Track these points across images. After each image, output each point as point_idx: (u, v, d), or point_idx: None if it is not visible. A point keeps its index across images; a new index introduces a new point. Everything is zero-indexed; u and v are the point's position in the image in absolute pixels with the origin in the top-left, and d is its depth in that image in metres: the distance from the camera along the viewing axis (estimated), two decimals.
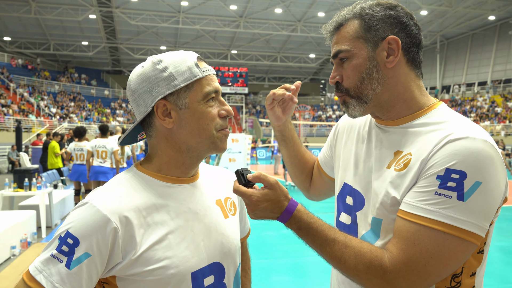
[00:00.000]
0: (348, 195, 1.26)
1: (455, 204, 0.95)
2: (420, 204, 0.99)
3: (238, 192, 1.07)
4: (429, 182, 0.99)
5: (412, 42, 1.15)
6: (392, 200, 1.07)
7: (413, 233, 0.98)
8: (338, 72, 1.18)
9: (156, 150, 1.13)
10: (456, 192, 0.95)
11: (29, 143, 21.26)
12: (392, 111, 1.16)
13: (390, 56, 1.12)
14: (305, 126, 32.29)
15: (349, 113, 1.20)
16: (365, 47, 1.13)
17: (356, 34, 1.14)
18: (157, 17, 31.84)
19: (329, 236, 1.06)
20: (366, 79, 1.13)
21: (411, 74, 1.16)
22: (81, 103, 36.25)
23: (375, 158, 1.18)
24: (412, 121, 1.13)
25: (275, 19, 33.38)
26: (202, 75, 1.08)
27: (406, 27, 1.13)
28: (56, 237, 0.99)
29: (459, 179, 0.95)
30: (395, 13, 1.13)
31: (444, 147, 0.99)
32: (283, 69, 46.40)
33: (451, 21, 33.90)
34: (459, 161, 0.96)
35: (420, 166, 1.02)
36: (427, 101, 1.16)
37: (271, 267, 5.37)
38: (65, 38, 35.66)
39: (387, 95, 1.14)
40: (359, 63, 1.13)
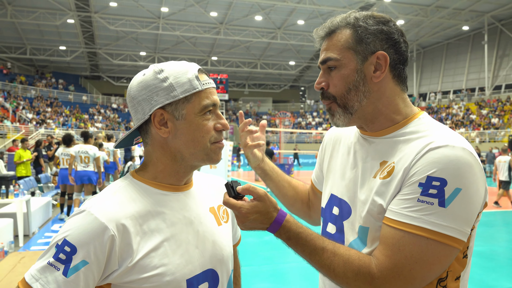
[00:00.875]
0: (335, 206, 1.28)
1: (437, 211, 0.99)
2: (404, 211, 1.02)
3: (228, 204, 1.08)
4: (412, 189, 1.02)
5: (400, 59, 1.17)
6: (378, 208, 1.10)
7: (398, 240, 1.02)
8: (324, 78, 1.20)
9: (152, 158, 1.15)
10: (437, 198, 0.99)
11: (4, 149, 20.70)
12: (376, 122, 1.19)
13: (377, 71, 1.15)
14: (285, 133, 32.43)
15: (334, 121, 1.22)
16: (355, 59, 1.15)
17: (347, 44, 1.15)
18: (137, 22, 31.59)
19: (318, 245, 1.08)
20: (353, 90, 1.15)
21: (396, 88, 1.18)
22: (59, 108, 35.54)
23: (361, 169, 1.20)
24: (396, 131, 1.16)
25: (255, 26, 33.56)
26: (202, 88, 1.10)
27: (396, 44, 1.16)
28: (52, 245, 1.00)
29: (440, 186, 0.99)
30: (387, 28, 1.15)
31: (425, 156, 1.03)
32: (263, 75, 46.58)
33: (426, 30, 34.73)
34: (439, 168, 1.00)
35: (403, 174, 1.05)
36: (410, 111, 1.19)
37: (253, 274, 5.38)
38: (42, 42, 34.99)
39: (371, 108, 1.17)
40: (347, 73, 1.15)
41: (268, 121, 42.80)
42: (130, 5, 29.24)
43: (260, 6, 29.65)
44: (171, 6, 29.54)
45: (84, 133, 8.98)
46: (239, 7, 30.12)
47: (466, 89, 37.07)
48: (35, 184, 10.66)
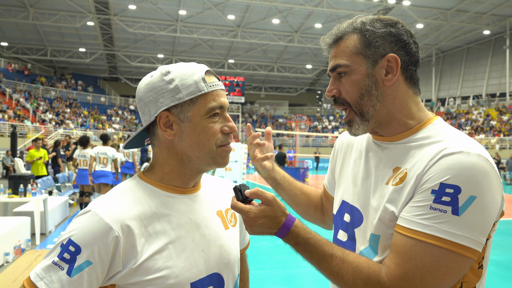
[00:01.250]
0: (346, 213, 1.26)
1: (450, 219, 0.95)
2: (416, 219, 0.99)
3: (235, 208, 1.07)
4: (424, 196, 0.99)
5: (411, 60, 1.15)
6: (390, 215, 1.07)
7: (410, 248, 0.99)
8: (335, 86, 1.18)
9: (159, 160, 1.14)
10: (450, 206, 0.96)
11: (24, 148, 21.14)
12: (390, 127, 1.16)
13: (388, 74, 1.12)
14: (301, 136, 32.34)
15: (352, 132, 1.20)
16: (364, 63, 1.13)
17: (356, 49, 1.13)
18: (155, 25, 31.97)
19: (326, 252, 1.06)
20: (366, 95, 1.13)
21: (409, 91, 1.16)
22: (77, 109, 36.15)
23: (374, 176, 1.18)
24: (409, 136, 1.13)
25: (272, 29, 33.60)
26: (208, 90, 1.08)
27: (406, 45, 1.13)
28: (58, 244, 1.00)
29: (454, 193, 0.96)
30: (395, 30, 1.13)
31: (439, 162, 1.00)
32: (280, 79, 46.58)
33: (446, 34, 34.27)
34: (453, 175, 0.97)
35: (416, 181, 1.03)
36: (424, 116, 1.16)
37: (265, 277, 5.35)
38: (62, 44, 35.69)
39: (385, 112, 1.14)
40: (358, 79, 1.13)
41: (284, 125, 42.76)
42: (149, 8, 29.61)
43: (277, 9, 29.69)
44: (189, 9, 29.80)
45: (103, 135, 9.47)
46: (256, 10, 30.22)
47: (486, 95, 36.41)
48: (53, 183, 10.84)
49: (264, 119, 45.42)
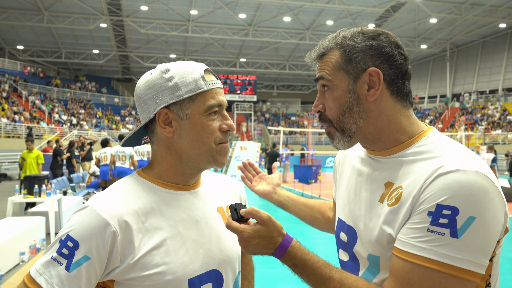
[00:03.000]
0: (342, 231, 1.24)
1: (449, 242, 0.91)
2: (413, 242, 0.95)
3: (230, 228, 1.05)
4: (421, 218, 0.95)
5: (396, 73, 1.09)
6: (388, 237, 1.03)
7: (408, 272, 0.95)
8: (321, 101, 1.16)
9: (157, 157, 1.15)
10: (449, 229, 0.91)
11: (40, 150, 21.48)
12: (379, 142, 1.12)
13: (371, 88, 1.08)
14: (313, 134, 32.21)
15: (334, 145, 1.17)
16: (346, 79, 1.09)
17: (338, 65, 1.10)
18: (167, 25, 32.15)
19: (324, 274, 1.03)
20: (347, 112, 1.10)
21: (397, 105, 1.10)
22: (92, 110, 36.61)
23: (366, 191, 1.15)
24: (402, 151, 1.09)
25: (283, 27, 33.52)
26: (207, 88, 1.09)
27: (389, 58, 1.08)
28: (56, 240, 1.01)
29: (451, 215, 0.91)
30: (376, 43, 1.08)
31: (434, 182, 0.95)
32: (292, 77, 46.48)
33: (461, 29, 33.76)
34: (450, 196, 0.92)
35: (412, 201, 0.99)
36: (416, 129, 1.11)
37: (277, 276, 5.34)
38: (76, 46, 36.14)
39: (371, 128, 1.10)
40: (340, 95, 1.10)
41: (297, 122, 42.65)
42: (161, 9, 29.79)
43: (288, 7, 29.60)
44: (200, 8, 29.90)
45: (121, 136, 10.99)
46: (267, 8, 30.17)
47: (503, 89, 35.77)
48: (67, 183, 10.99)
49: (276, 117, 45.36)
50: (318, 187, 13.12)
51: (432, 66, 41.66)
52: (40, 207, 7.77)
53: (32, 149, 10.44)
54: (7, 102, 27.89)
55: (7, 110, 26.49)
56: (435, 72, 41.46)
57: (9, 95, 29.29)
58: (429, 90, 42.03)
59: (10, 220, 6.56)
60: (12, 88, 31.03)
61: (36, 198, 7.25)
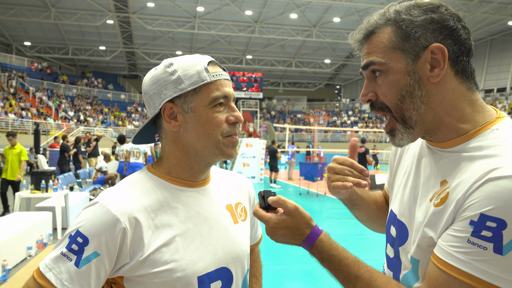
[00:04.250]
0: (392, 225, 1.13)
1: (491, 258, 0.80)
2: (451, 250, 0.86)
3: (256, 215, 1.05)
4: (462, 226, 0.85)
5: (461, 49, 0.96)
6: (428, 240, 0.94)
7: (442, 283, 0.87)
8: (370, 88, 1.01)
9: (166, 152, 1.14)
10: (492, 243, 0.80)
11: (47, 145, 21.60)
12: (439, 133, 0.98)
13: (434, 68, 0.94)
14: (319, 131, 32.14)
15: (396, 142, 1.02)
16: (403, 59, 0.95)
17: (392, 44, 0.96)
18: (173, 22, 32.17)
19: (351, 273, 0.98)
20: (407, 97, 0.95)
21: (461, 87, 0.96)
22: (98, 106, 36.76)
23: (422, 187, 1.03)
24: (461, 144, 0.95)
25: (290, 24, 33.41)
26: (211, 79, 1.08)
27: (453, 32, 0.95)
28: (66, 235, 1.00)
29: (496, 228, 0.80)
30: (438, 16, 0.95)
31: (483, 187, 0.83)
32: (298, 74, 46.36)
33: (469, 26, 32.60)
34: (497, 206, 0.80)
35: (456, 205, 0.88)
36: (481, 118, 0.96)
37: (284, 273, 5.33)
38: (83, 43, 36.26)
39: (431, 116, 0.96)
40: (397, 78, 0.95)
41: (302, 120, 42.60)
42: (167, 5, 29.81)
43: (295, 4, 29.51)
44: (207, 5, 29.88)
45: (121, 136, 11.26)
46: (274, 5, 30.08)
47: (511, 87, 35.47)
48: (74, 179, 11.04)
49: (282, 115, 45.31)
50: (324, 184, 13.09)
51: None
52: (47, 202, 7.81)
53: (14, 145, 9.12)
54: (14, 98, 28.09)
55: (14, 106, 26.65)
56: None
57: (16, 91, 29.48)
58: None
59: (18, 215, 6.60)
60: (20, 84, 31.21)
61: (43, 194, 7.28)
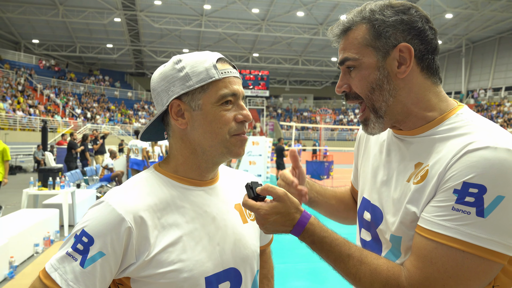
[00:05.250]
0: (366, 210, 1.20)
1: (475, 221, 0.88)
2: (437, 220, 0.92)
3: (246, 205, 1.03)
4: (446, 196, 0.92)
5: (427, 48, 1.05)
6: (411, 216, 1.00)
7: (430, 251, 0.92)
8: (345, 81, 1.11)
9: (173, 150, 1.13)
10: (475, 207, 0.88)
11: (54, 143, 21.74)
12: (408, 121, 1.08)
13: (401, 65, 1.04)
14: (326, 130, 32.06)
15: (369, 131, 1.13)
16: (375, 56, 1.05)
17: (365, 41, 1.05)
18: (180, 20, 32.19)
19: (343, 252, 1.01)
20: (377, 89, 1.05)
21: (427, 82, 1.06)
22: (105, 104, 36.91)
23: (396, 172, 1.10)
24: (432, 129, 1.05)
25: (297, 22, 33.31)
26: (219, 77, 1.06)
27: (421, 33, 1.04)
28: (72, 235, 1.00)
29: (478, 193, 0.88)
30: (408, 17, 1.04)
31: (462, 158, 0.92)
32: (305, 72, 46.22)
33: (477, 24, 33.17)
34: (477, 174, 0.89)
35: (438, 179, 0.95)
36: (445, 107, 1.07)
37: (289, 271, 5.33)
38: (90, 40, 36.41)
39: (400, 107, 1.06)
40: (368, 73, 1.05)
41: (309, 118, 42.49)
42: (174, 3, 29.82)
43: (302, 1, 29.41)
44: (214, 3, 29.86)
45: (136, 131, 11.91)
46: (280, 3, 30.00)
47: None
48: (81, 176, 11.10)
49: (288, 113, 45.22)
50: (330, 183, 13.07)
51: (447, 62, 41.05)
52: (54, 199, 7.86)
53: None
54: (22, 96, 28.27)
55: (22, 103, 26.84)
56: (450, 68, 40.86)
57: (24, 89, 29.67)
58: (443, 87, 40.44)
59: (25, 212, 6.65)
60: (28, 82, 31.43)
61: (51, 191, 7.33)
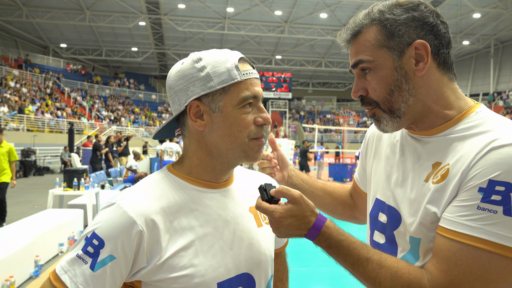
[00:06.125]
0: (381, 212, 1.16)
1: (502, 220, 0.84)
2: (461, 220, 0.89)
3: (260, 208, 1.00)
4: (471, 195, 0.89)
5: (441, 43, 1.03)
6: (431, 217, 0.97)
7: (455, 253, 0.89)
8: (361, 84, 1.08)
9: (188, 152, 1.09)
10: (502, 206, 0.85)
11: (80, 144, 22.22)
12: (427, 121, 1.05)
13: (419, 62, 1.01)
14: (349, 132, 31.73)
15: (381, 128, 1.10)
16: (390, 56, 1.02)
17: (378, 42, 1.03)
18: (204, 23, 32.46)
19: (362, 255, 0.97)
20: (396, 91, 1.03)
21: (444, 78, 1.04)
22: (130, 106, 37.54)
23: (411, 172, 1.07)
24: (450, 128, 1.02)
25: (320, 24, 33.11)
26: (241, 78, 1.02)
27: (434, 27, 1.02)
28: (82, 237, 0.98)
29: (505, 191, 0.85)
30: (419, 14, 1.02)
31: (487, 156, 0.89)
32: (328, 74, 45.89)
33: (506, 24, 32.22)
34: (504, 171, 0.86)
35: (460, 177, 0.92)
36: (464, 104, 1.05)
37: (310, 275, 5.26)
38: (116, 44, 37.12)
39: (420, 106, 1.04)
40: (385, 74, 1.03)
41: (332, 120, 42.13)
42: (197, 6, 30.12)
43: (325, 3, 29.23)
44: (237, 6, 30.00)
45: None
46: (303, 5, 29.90)
47: None
48: (105, 177, 11.29)
49: (311, 115, 44.98)
50: None
51: (475, 63, 40.03)
52: (79, 200, 8.00)
53: (0, 142, 7.54)
54: (50, 98, 29.03)
55: (50, 106, 27.56)
56: (478, 69, 39.83)
57: (52, 92, 30.47)
58: (471, 88, 40.39)
59: (51, 212, 6.79)
60: (56, 85, 32.26)
61: (75, 191, 7.47)
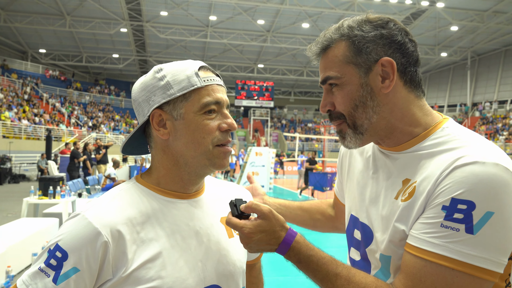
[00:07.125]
0: (356, 229, 1.17)
1: (464, 238, 0.86)
2: (425, 237, 0.90)
3: (230, 224, 0.99)
4: (435, 213, 0.90)
5: (409, 61, 1.03)
6: (400, 234, 0.98)
7: (419, 269, 0.90)
8: (328, 99, 1.08)
9: (155, 162, 1.08)
10: (464, 224, 0.86)
11: (58, 151, 21.79)
12: (392, 138, 1.05)
13: (385, 80, 1.01)
14: (330, 141, 31.99)
15: (345, 144, 1.10)
16: (357, 73, 1.02)
17: (346, 58, 1.03)
18: (186, 31, 32.43)
19: (330, 271, 0.97)
20: (360, 107, 1.03)
21: (410, 95, 1.04)
22: (110, 113, 37.09)
23: (384, 188, 1.07)
24: (417, 145, 1.02)
25: (302, 33, 33.46)
26: (201, 84, 1.02)
27: (401, 46, 1.02)
28: (45, 249, 0.95)
29: (467, 210, 0.86)
30: (387, 31, 1.02)
31: (451, 174, 0.90)
32: (309, 83, 46.28)
33: (483, 37, 33.14)
34: (466, 189, 0.87)
35: (427, 195, 0.93)
36: (430, 120, 1.04)
37: (289, 284, 5.24)
38: (97, 50, 36.71)
39: (384, 124, 1.04)
40: (351, 90, 1.02)
41: (313, 129, 42.45)
42: (180, 14, 30.08)
43: (307, 13, 29.56)
44: (219, 14, 30.09)
45: None
46: (286, 15, 30.18)
47: None
48: (83, 185, 11.07)
49: (293, 124, 45.22)
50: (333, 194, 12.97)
51: (452, 75, 40.99)
52: (55, 208, 7.82)
53: None
54: (28, 105, 28.45)
55: (28, 112, 27.00)
56: (455, 81, 40.78)
57: (30, 98, 29.88)
58: (448, 99, 41.31)
59: (24, 221, 6.61)
60: (34, 91, 31.67)
61: (51, 200, 7.30)
